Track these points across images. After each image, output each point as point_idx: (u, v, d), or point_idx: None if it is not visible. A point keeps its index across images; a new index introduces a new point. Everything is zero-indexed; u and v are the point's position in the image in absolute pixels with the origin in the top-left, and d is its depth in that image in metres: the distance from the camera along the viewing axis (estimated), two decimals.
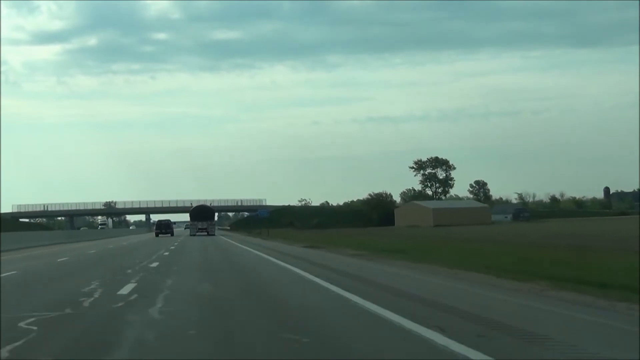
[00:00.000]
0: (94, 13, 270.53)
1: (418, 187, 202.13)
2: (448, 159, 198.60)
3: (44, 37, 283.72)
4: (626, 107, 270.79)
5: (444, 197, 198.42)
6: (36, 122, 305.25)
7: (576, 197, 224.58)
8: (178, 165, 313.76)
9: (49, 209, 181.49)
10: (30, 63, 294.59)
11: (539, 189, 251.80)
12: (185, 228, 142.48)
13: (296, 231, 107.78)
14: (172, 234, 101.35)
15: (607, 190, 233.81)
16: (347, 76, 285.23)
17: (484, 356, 8.26)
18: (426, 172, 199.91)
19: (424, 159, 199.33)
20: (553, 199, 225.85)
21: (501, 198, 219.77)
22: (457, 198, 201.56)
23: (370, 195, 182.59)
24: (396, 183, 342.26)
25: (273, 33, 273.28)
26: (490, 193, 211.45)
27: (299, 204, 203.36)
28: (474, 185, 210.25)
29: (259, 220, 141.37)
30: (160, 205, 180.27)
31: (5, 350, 9.21)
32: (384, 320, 11.25)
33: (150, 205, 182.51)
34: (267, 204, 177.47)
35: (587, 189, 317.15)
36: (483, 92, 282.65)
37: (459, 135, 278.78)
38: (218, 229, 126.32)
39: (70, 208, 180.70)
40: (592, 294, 13.86)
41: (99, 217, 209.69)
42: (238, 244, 53.54)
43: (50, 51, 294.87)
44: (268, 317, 11.91)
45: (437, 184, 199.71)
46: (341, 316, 11.99)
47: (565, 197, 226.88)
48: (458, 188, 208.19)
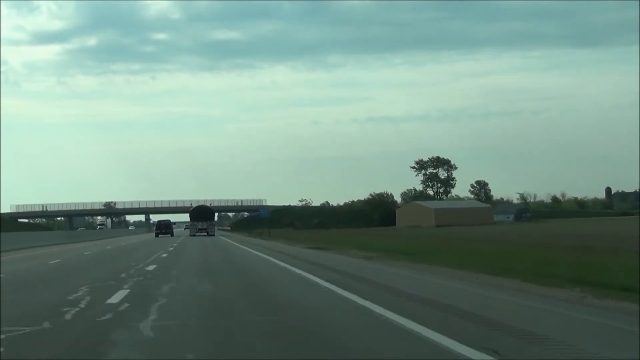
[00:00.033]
0: (94, 13, 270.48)
1: (419, 187, 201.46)
2: (449, 159, 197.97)
3: (44, 37, 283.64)
4: (626, 107, 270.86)
5: (445, 197, 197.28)
6: (36, 122, 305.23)
7: (578, 198, 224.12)
8: (178, 165, 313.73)
9: (48, 209, 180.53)
10: (30, 63, 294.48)
11: (540, 189, 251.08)
12: (185, 228, 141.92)
13: (297, 231, 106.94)
14: (172, 235, 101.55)
15: (609, 190, 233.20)
16: (347, 76, 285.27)
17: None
18: (427, 172, 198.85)
19: (425, 159, 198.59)
20: (554, 199, 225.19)
21: (502, 198, 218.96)
22: (458, 198, 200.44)
23: (371, 195, 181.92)
24: (396, 183, 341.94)
25: (273, 33, 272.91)
26: (491, 193, 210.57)
27: (300, 204, 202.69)
28: (475, 185, 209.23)
29: (260, 220, 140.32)
30: (160, 205, 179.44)
31: None
32: (438, 347, 9.05)
33: (150, 205, 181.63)
34: (267, 204, 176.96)
35: (588, 189, 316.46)
36: (483, 92, 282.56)
37: (459, 135, 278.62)
38: (218, 229, 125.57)
39: (69, 208, 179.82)
40: None
41: (98, 218, 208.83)
42: (239, 245, 52.15)
43: (50, 51, 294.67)
44: (287, 343, 9.74)
45: (439, 184, 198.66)
46: (384, 341, 9.64)
47: (566, 198, 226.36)
48: (458, 188, 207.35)
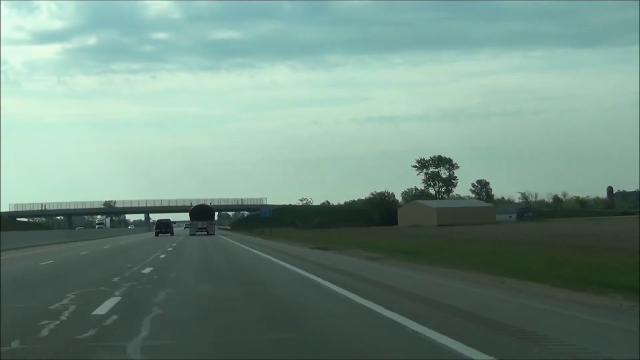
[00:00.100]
0: (94, 13, 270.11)
1: (420, 186, 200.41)
2: (451, 158, 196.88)
3: (44, 37, 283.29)
4: (626, 107, 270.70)
5: (447, 197, 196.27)
6: (36, 122, 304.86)
7: (580, 197, 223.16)
8: (178, 164, 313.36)
9: (47, 209, 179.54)
10: (30, 62, 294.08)
11: (540, 189, 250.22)
12: (185, 227, 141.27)
13: (298, 231, 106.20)
14: (172, 234, 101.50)
15: (610, 189, 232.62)
16: (347, 76, 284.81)
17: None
18: (429, 171, 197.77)
19: (427, 158, 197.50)
20: (556, 199, 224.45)
21: (503, 197, 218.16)
22: (459, 198, 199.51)
23: (372, 194, 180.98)
24: (397, 183, 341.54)
25: (273, 33, 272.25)
26: (492, 193, 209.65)
27: (300, 204, 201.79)
28: (476, 184, 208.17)
29: (260, 219, 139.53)
30: (159, 204, 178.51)
31: None
32: None
33: (149, 204, 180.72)
34: (268, 204, 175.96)
35: (588, 189, 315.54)
36: (483, 92, 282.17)
37: (459, 135, 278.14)
38: (218, 229, 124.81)
39: (68, 207, 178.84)
40: None
41: (98, 217, 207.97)
42: (240, 245, 51.18)
43: (50, 51, 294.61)
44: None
45: (440, 183, 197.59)
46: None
47: (567, 197, 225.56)
48: (459, 188, 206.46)
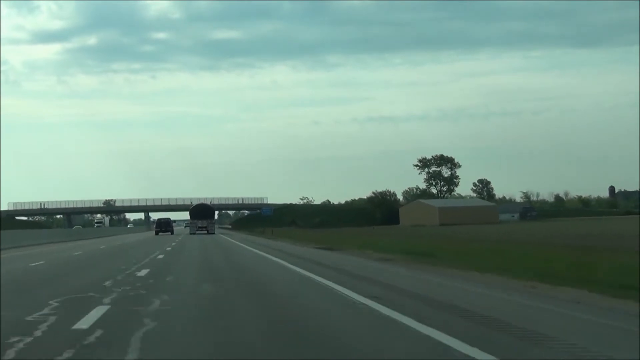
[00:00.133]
0: (94, 13, 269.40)
1: (422, 186, 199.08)
2: (453, 157, 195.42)
3: (44, 37, 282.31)
4: (626, 107, 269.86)
5: (449, 196, 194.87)
6: (36, 122, 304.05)
7: (582, 196, 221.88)
8: (178, 164, 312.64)
9: (46, 207, 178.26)
10: (30, 62, 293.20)
11: (541, 188, 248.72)
12: (185, 226, 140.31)
13: (300, 230, 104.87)
14: (172, 233, 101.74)
15: (612, 189, 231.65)
16: (347, 76, 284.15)
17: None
18: (431, 170, 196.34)
19: (429, 157, 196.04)
20: (557, 198, 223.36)
21: (504, 197, 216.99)
22: (460, 197, 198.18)
23: (373, 193, 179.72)
24: (397, 183, 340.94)
25: (273, 33, 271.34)
26: (493, 192, 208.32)
27: (301, 203, 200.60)
28: (477, 184, 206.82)
29: (261, 218, 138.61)
30: (160, 203, 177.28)
31: None
32: None
33: (149, 203, 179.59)
34: (268, 203, 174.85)
35: (589, 188, 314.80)
36: (483, 92, 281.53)
37: (459, 135, 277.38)
38: (219, 228, 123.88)
39: (67, 206, 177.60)
40: None
41: (97, 215, 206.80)
42: (241, 244, 49.74)
43: (50, 50, 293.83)
44: None
45: (442, 182, 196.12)
46: None
47: (569, 196, 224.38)
48: (460, 187, 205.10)
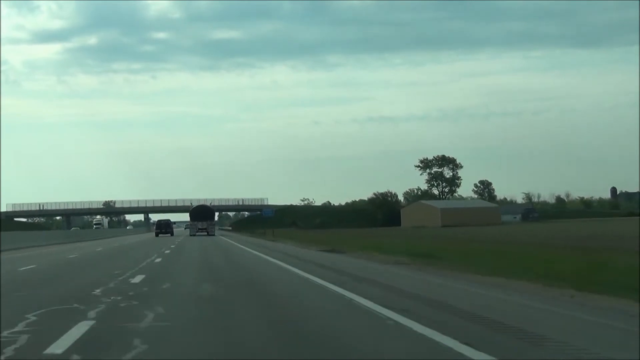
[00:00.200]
0: (94, 12, 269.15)
1: (423, 187, 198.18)
2: (455, 158, 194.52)
3: (44, 36, 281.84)
4: (626, 107, 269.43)
5: (450, 197, 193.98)
6: (36, 122, 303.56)
7: (584, 198, 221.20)
8: (178, 164, 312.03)
9: (45, 208, 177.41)
10: (30, 62, 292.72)
11: (542, 189, 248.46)
12: (185, 228, 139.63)
13: (301, 231, 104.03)
14: (172, 234, 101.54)
15: (614, 190, 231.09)
16: (347, 76, 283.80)
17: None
18: (432, 171, 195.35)
19: (430, 158, 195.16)
20: (559, 199, 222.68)
21: (505, 198, 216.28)
22: (462, 198, 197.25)
23: (375, 194, 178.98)
24: (397, 183, 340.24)
25: (273, 33, 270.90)
26: (494, 193, 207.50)
27: (302, 204, 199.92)
28: (479, 185, 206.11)
29: (261, 219, 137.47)
30: (159, 204, 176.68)
31: None
32: None
33: (149, 204, 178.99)
34: (269, 204, 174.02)
35: (590, 189, 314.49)
36: (483, 92, 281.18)
37: (460, 135, 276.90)
38: (219, 229, 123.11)
39: (66, 207, 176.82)
40: None
41: (97, 217, 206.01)
42: (243, 247, 48.79)
43: (50, 50, 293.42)
44: None
45: (444, 183, 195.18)
46: None
47: (570, 198, 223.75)
48: (462, 188, 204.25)
